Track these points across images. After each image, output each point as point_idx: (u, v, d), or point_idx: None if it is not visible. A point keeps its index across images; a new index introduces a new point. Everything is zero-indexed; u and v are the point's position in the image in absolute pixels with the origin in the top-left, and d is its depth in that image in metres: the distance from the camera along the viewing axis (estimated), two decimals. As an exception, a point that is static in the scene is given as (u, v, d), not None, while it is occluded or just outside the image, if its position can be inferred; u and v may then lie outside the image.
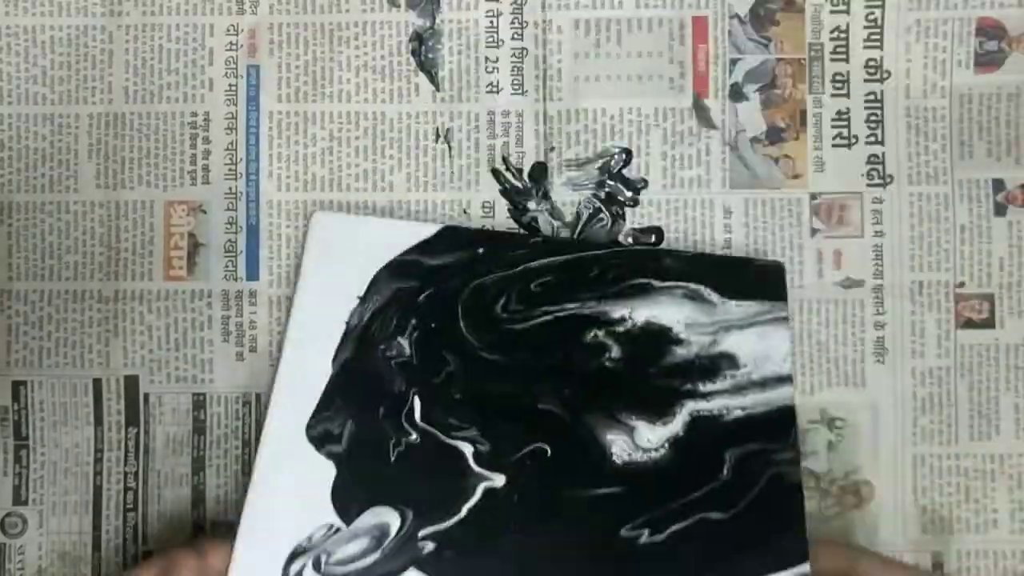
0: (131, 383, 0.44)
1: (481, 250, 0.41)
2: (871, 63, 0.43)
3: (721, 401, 0.36)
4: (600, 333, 0.38)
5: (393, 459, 0.38)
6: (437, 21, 0.44)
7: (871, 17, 0.43)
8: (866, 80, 0.43)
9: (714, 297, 0.38)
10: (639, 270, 0.39)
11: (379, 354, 0.40)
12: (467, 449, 0.38)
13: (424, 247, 0.41)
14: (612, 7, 0.44)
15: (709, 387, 0.37)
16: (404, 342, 0.40)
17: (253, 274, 0.44)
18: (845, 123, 0.43)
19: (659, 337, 0.37)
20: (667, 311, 0.38)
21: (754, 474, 0.36)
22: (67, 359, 0.44)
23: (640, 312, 0.38)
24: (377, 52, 0.44)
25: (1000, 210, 0.43)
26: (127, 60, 0.44)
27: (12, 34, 0.45)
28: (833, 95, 0.43)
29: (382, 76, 0.44)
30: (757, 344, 0.37)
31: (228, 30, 0.44)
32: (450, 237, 0.41)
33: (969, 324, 0.43)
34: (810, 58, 0.43)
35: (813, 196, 0.43)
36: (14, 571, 0.44)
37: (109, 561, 0.44)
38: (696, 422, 0.36)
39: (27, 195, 0.44)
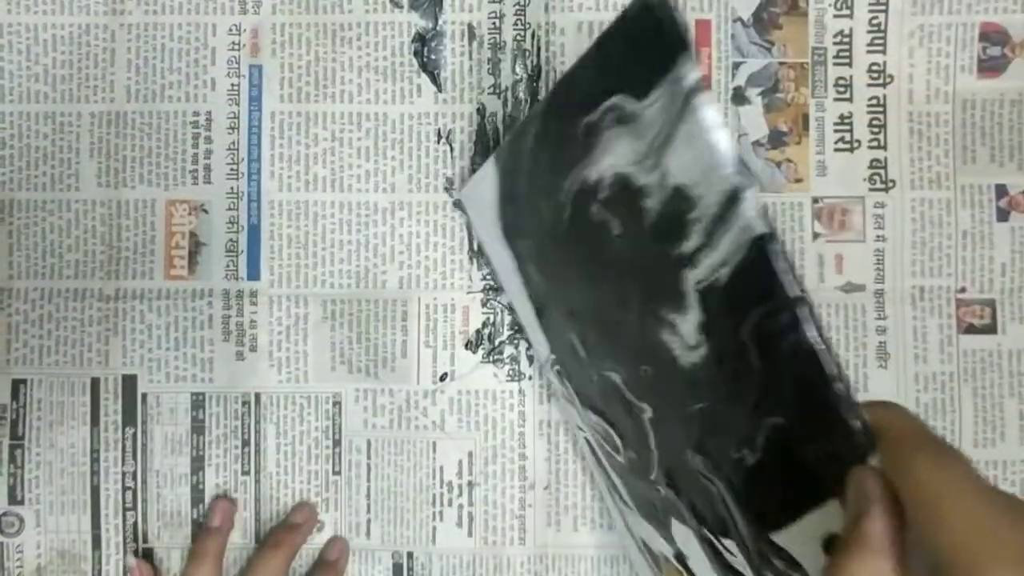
0: (129, 383, 0.44)
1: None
2: (874, 67, 0.43)
3: (707, 261, 0.29)
4: (596, 207, 0.33)
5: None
6: (440, 22, 0.44)
7: (875, 22, 0.43)
8: (869, 84, 0.43)
9: (632, 106, 0.30)
10: (575, 109, 0.33)
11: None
12: (617, 379, 0.36)
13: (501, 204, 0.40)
14: (615, 9, 0.44)
15: (689, 246, 0.30)
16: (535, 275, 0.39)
17: (254, 274, 0.44)
18: (848, 127, 0.43)
19: (628, 191, 0.32)
20: (616, 151, 0.32)
21: (776, 354, 0.28)
22: (67, 358, 0.44)
23: (603, 163, 0.33)
24: (380, 53, 0.44)
25: (1002, 215, 0.43)
26: (129, 59, 0.44)
27: (14, 32, 0.44)
28: (836, 99, 0.43)
29: (384, 77, 0.44)
30: (690, 155, 0.28)
31: (231, 30, 0.44)
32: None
33: (971, 329, 0.43)
34: (813, 62, 0.43)
35: (815, 200, 0.43)
36: (12, 569, 0.43)
37: (109, 559, 0.44)
38: (705, 298, 0.30)
39: (28, 193, 0.44)
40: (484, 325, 0.44)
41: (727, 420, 0.31)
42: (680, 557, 0.38)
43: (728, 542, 0.33)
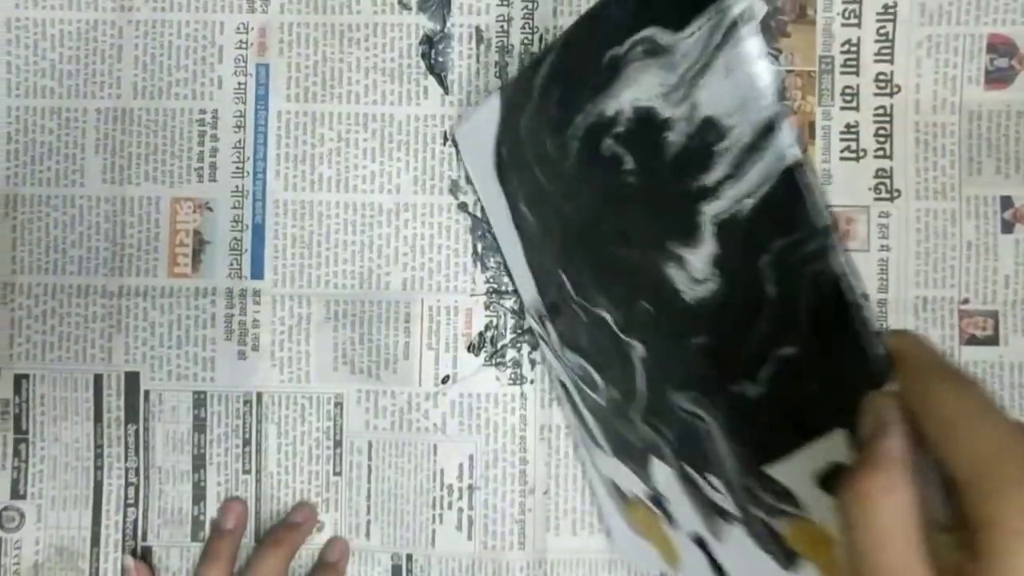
0: (131, 380, 0.44)
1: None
2: (881, 77, 0.43)
3: (730, 192, 0.29)
4: (609, 141, 0.33)
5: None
6: (447, 24, 0.44)
7: (882, 31, 0.43)
8: (876, 94, 0.43)
9: (667, 38, 0.30)
10: (600, 41, 0.33)
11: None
12: (608, 318, 0.37)
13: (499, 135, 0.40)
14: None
15: (713, 177, 0.30)
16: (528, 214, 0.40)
17: (258, 273, 0.44)
18: (854, 136, 0.43)
19: (650, 125, 0.32)
20: (642, 83, 0.31)
21: (794, 284, 0.28)
22: (69, 354, 0.44)
23: (623, 97, 0.32)
24: (387, 54, 0.44)
25: (1007, 227, 0.43)
26: (136, 56, 0.44)
27: (22, 27, 0.44)
28: (842, 108, 0.43)
29: (391, 78, 0.44)
30: (727, 85, 0.28)
31: (238, 28, 0.44)
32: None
33: (973, 341, 0.43)
34: (820, 70, 0.43)
35: (820, 209, 0.43)
36: (9, 566, 0.43)
37: (107, 556, 0.44)
38: (723, 231, 0.30)
39: (33, 188, 0.44)
40: (487, 328, 0.44)
41: (729, 354, 0.31)
42: (654, 497, 0.38)
43: (712, 478, 0.34)
